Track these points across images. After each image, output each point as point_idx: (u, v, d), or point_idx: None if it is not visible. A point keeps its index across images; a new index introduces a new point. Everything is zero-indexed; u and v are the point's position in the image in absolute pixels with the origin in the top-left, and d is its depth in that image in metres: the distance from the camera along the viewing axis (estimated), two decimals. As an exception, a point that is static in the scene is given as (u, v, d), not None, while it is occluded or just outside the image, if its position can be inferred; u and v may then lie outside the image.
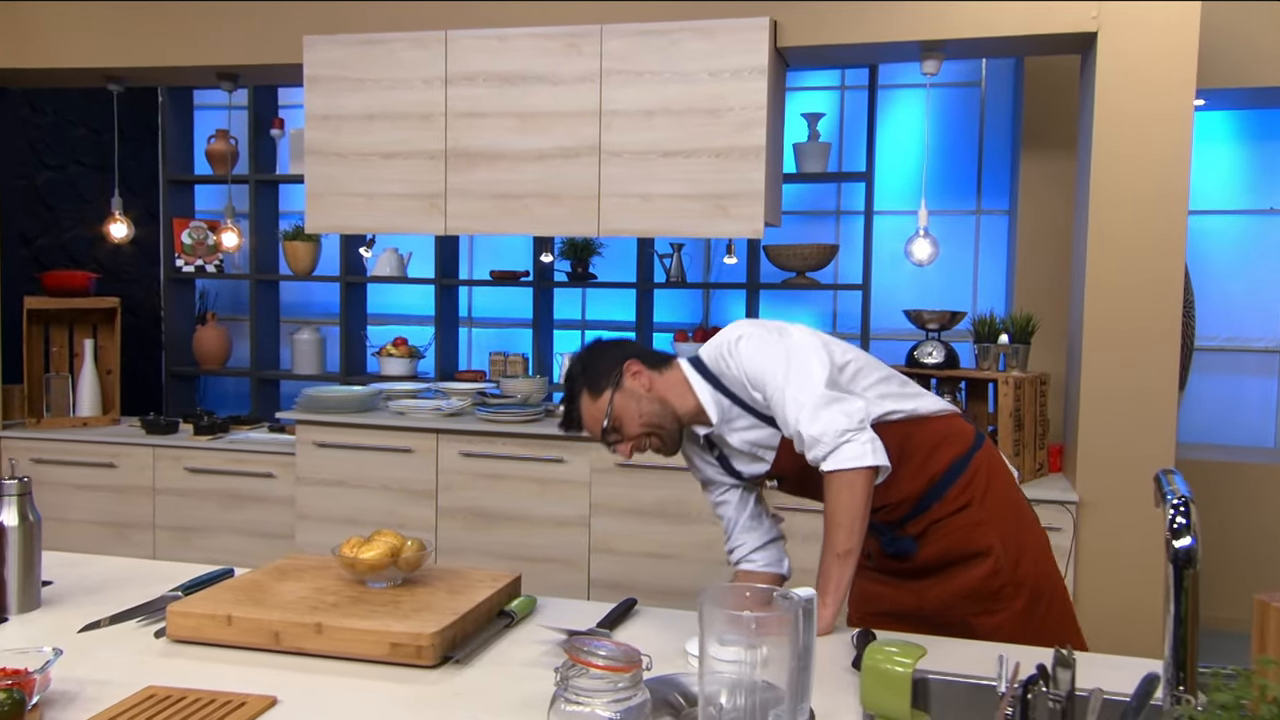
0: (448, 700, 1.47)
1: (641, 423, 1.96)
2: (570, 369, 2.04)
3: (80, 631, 1.70)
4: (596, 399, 1.97)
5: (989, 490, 2.03)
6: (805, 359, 1.91)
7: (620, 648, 1.29)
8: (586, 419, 1.99)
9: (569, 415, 2.01)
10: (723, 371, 1.99)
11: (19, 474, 1.84)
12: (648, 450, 2.01)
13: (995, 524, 2.01)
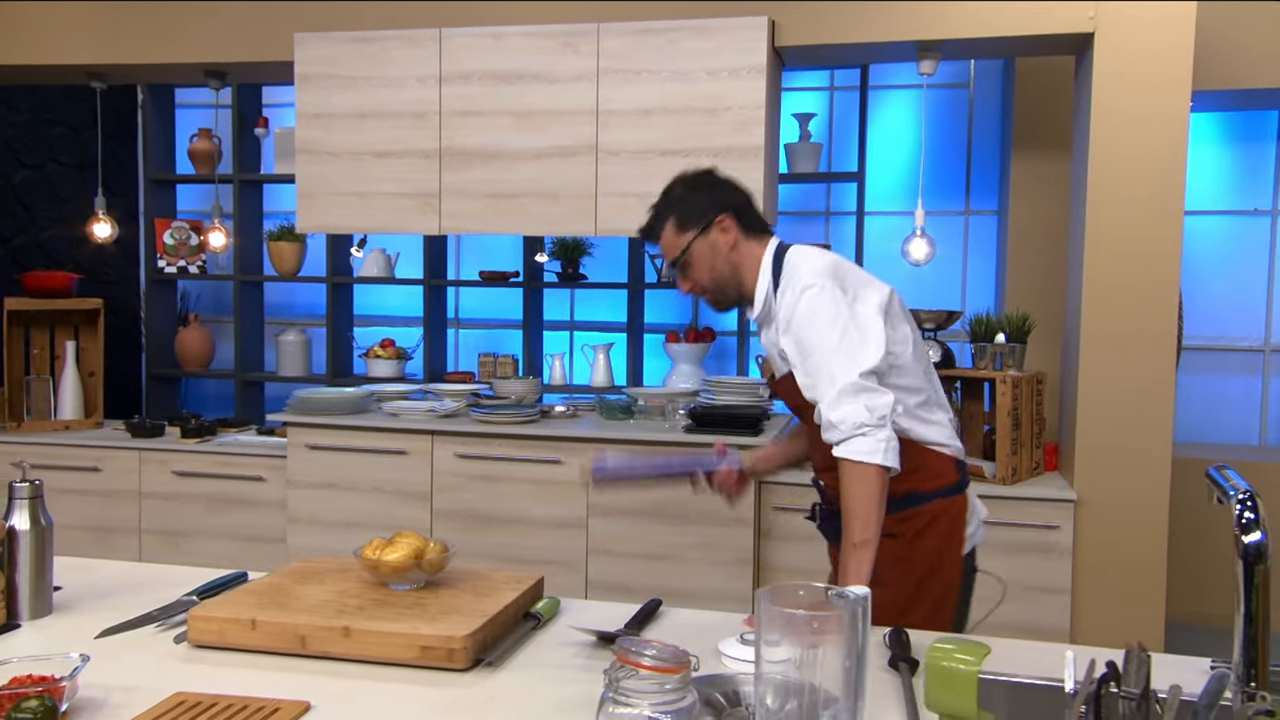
0: (482, 704, 1.45)
1: (710, 276, 2.03)
2: (671, 188, 2.09)
3: (98, 637, 1.66)
4: (680, 234, 2.03)
5: (922, 537, 2.02)
6: (863, 336, 1.89)
7: (668, 649, 1.27)
8: (664, 245, 2.07)
9: (651, 228, 2.09)
10: (785, 298, 1.97)
11: (30, 477, 1.78)
12: (707, 300, 2.09)
13: (906, 569, 2.00)
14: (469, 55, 3.76)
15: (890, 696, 1.47)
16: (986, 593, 2.28)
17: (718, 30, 3.55)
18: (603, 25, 3.64)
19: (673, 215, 2.05)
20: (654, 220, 2.09)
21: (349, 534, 3.88)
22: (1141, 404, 3.34)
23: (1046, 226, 4.30)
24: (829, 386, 1.86)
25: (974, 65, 4.84)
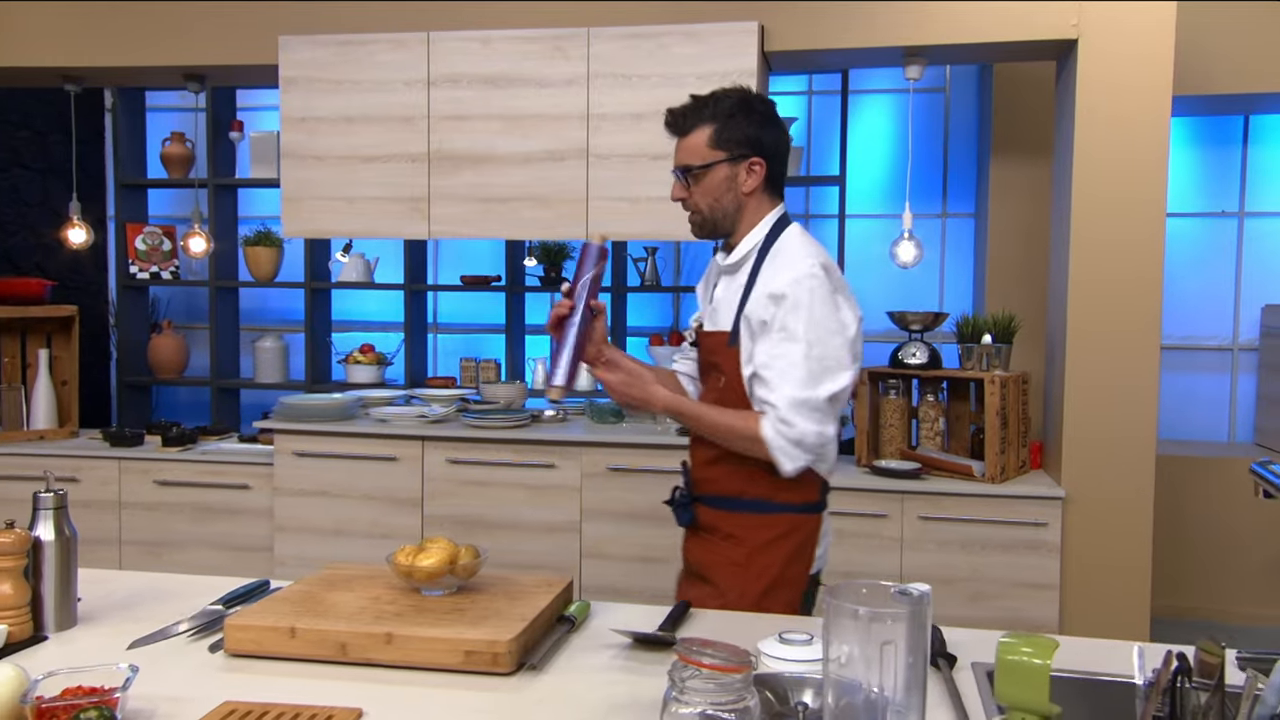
0: (532, 708, 1.45)
1: (711, 203, 1.99)
2: (725, 97, 2.00)
3: (130, 648, 1.64)
4: (711, 148, 1.97)
5: (768, 549, 2.02)
6: (838, 362, 1.92)
7: (728, 649, 1.28)
8: (686, 145, 1.99)
9: (683, 119, 2.00)
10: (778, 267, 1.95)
11: (55, 487, 1.75)
12: (689, 213, 2.03)
13: (744, 577, 2.01)
14: (457, 59, 3.75)
15: (935, 692, 1.49)
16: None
17: (708, 35, 3.57)
18: (592, 29, 3.65)
19: (713, 126, 1.97)
20: (690, 115, 1.99)
21: (338, 541, 3.85)
22: (1127, 402, 3.42)
23: (1025, 229, 4.37)
24: (792, 389, 1.89)
25: (949, 70, 4.91)
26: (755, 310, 1.95)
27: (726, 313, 2.02)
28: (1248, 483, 4.63)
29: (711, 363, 2.06)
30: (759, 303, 1.94)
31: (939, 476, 3.62)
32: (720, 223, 2.01)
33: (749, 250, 2.01)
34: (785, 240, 2.01)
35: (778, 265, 1.97)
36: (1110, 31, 3.37)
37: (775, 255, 1.98)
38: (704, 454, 2.07)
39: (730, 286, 2.04)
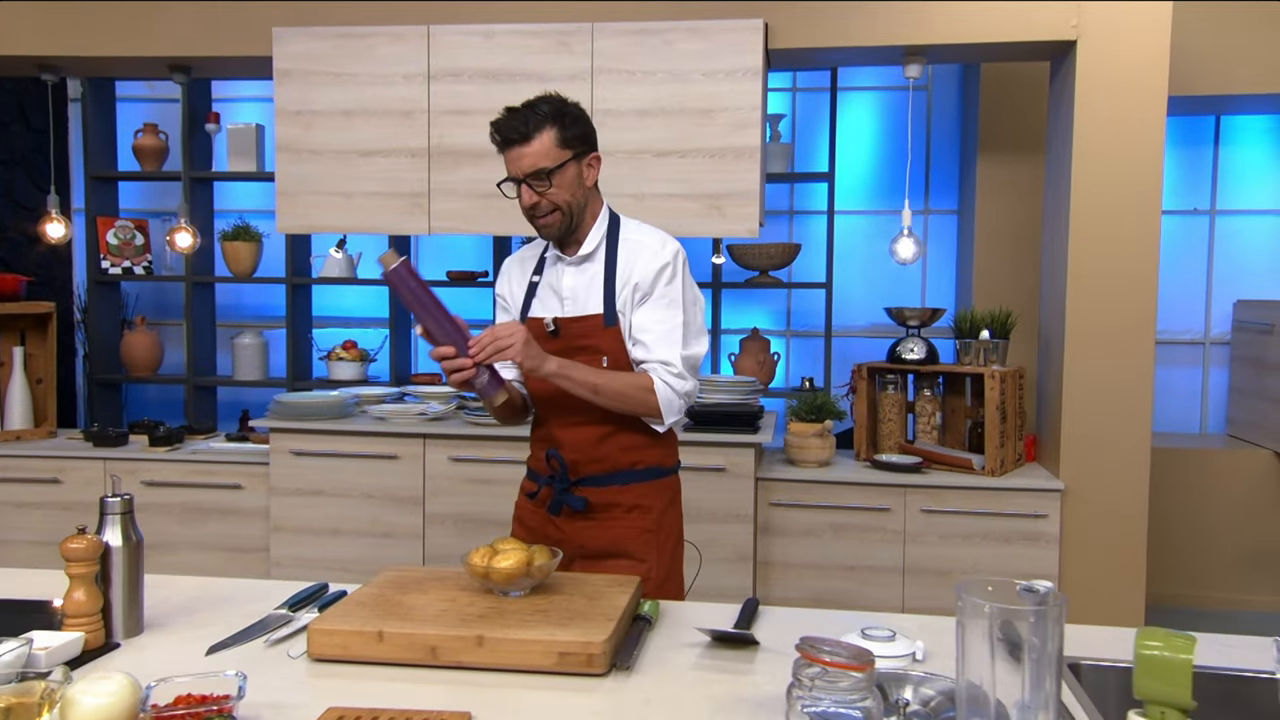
0: (640, 709, 1.45)
1: (568, 197, 2.06)
2: (561, 103, 2.06)
3: (208, 654, 1.61)
4: (559, 148, 2.03)
5: (669, 510, 2.23)
6: (700, 329, 2.18)
7: (850, 647, 1.30)
8: (534, 149, 2.01)
9: (524, 125, 2.01)
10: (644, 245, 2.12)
11: (121, 491, 1.71)
12: (544, 216, 2.07)
13: (659, 541, 2.18)
14: (459, 53, 3.71)
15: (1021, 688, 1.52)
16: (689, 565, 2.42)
17: (714, 32, 3.58)
18: (597, 25, 3.64)
19: (557, 127, 2.03)
20: (529, 121, 2.01)
21: (336, 541, 3.80)
22: (1123, 395, 3.50)
23: (1014, 226, 4.46)
24: (678, 349, 2.09)
25: (932, 69, 4.98)
26: (636, 284, 2.10)
27: (588, 299, 2.13)
28: (1221, 473, 4.78)
29: (582, 346, 2.13)
30: (639, 276, 2.10)
31: (939, 470, 3.68)
32: (575, 217, 2.10)
33: (599, 240, 2.14)
34: (632, 226, 2.19)
35: (643, 243, 2.13)
36: (1108, 32, 3.44)
37: (631, 238, 2.15)
38: (593, 433, 2.14)
39: (584, 275, 2.15)
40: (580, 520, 2.17)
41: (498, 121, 2.05)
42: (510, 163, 2.06)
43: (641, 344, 2.12)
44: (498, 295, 2.31)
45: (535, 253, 2.28)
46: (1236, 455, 4.55)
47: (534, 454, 2.28)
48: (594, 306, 2.13)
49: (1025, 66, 4.39)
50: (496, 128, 2.05)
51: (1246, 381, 4.68)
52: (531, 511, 2.27)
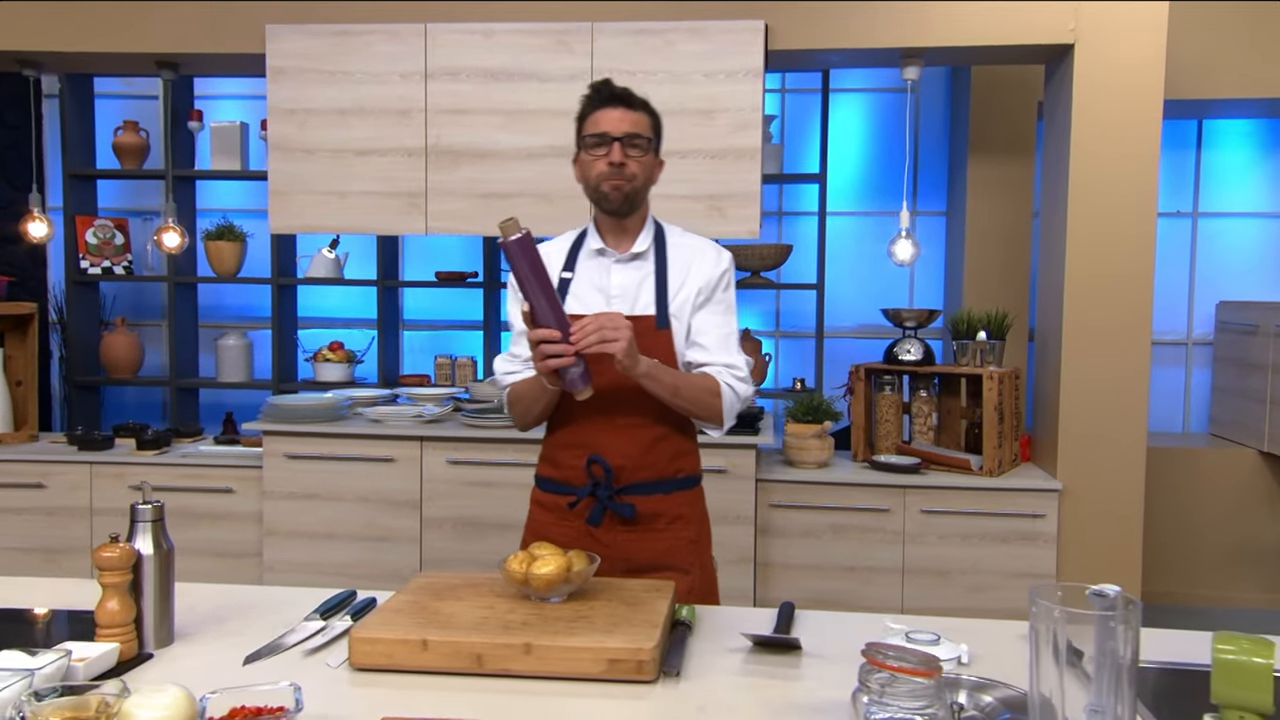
0: (694, 715, 1.43)
1: (644, 176, 2.09)
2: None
3: (246, 663, 1.58)
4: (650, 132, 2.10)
5: (705, 518, 2.22)
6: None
7: (915, 653, 1.29)
8: (637, 117, 2.09)
9: (628, 91, 2.11)
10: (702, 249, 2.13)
11: (151, 499, 1.67)
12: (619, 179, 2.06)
13: (701, 551, 2.17)
14: (457, 52, 3.68)
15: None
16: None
17: (715, 33, 3.57)
18: (597, 25, 3.62)
19: (652, 117, 2.12)
20: (640, 99, 2.12)
21: (331, 546, 3.75)
22: (1120, 395, 3.54)
23: (1003, 227, 4.49)
24: (736, 355, 2.11)
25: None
26: (699, 288, 2.09)
27: (638, 299, 2.09)
28: (1207, 471, 4.84)
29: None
30: (701, 280, 2.10)
31: (937, 471, 3.70)
32: (637, 200, 2.09)
33: (648, 238, 2.12)
34: (676, 231, 2.18)
35: (701, 249, 2.14)
36: (1105, 35, 3.48)
37: (682, 243, 2.14)
38: (645, 437, 2.08)
39: (635, 275, 2.10)
40: (624, 532, 2.08)
41: (601, 82, 2.11)
42: (605, 121, 2.06)
43: (701, 347, 2.10)
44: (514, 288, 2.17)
45: (563, 247, 2.20)
46: (1222, 454, 4.61)
47: (562, 461, 2.13)
48: (644, 308, 2.08)
49: (1015, 70, 4.42)
50: (598, 86, 2.11)
51: (1230, 381, 4.75)
52: (559, 524, 2.13)
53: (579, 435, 2.09)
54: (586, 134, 2.10)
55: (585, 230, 2.21)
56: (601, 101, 2.09)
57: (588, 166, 2.11)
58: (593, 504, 2.07)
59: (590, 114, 2.10)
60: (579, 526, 2.09)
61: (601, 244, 2.13)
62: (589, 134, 2.09)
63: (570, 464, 2.11)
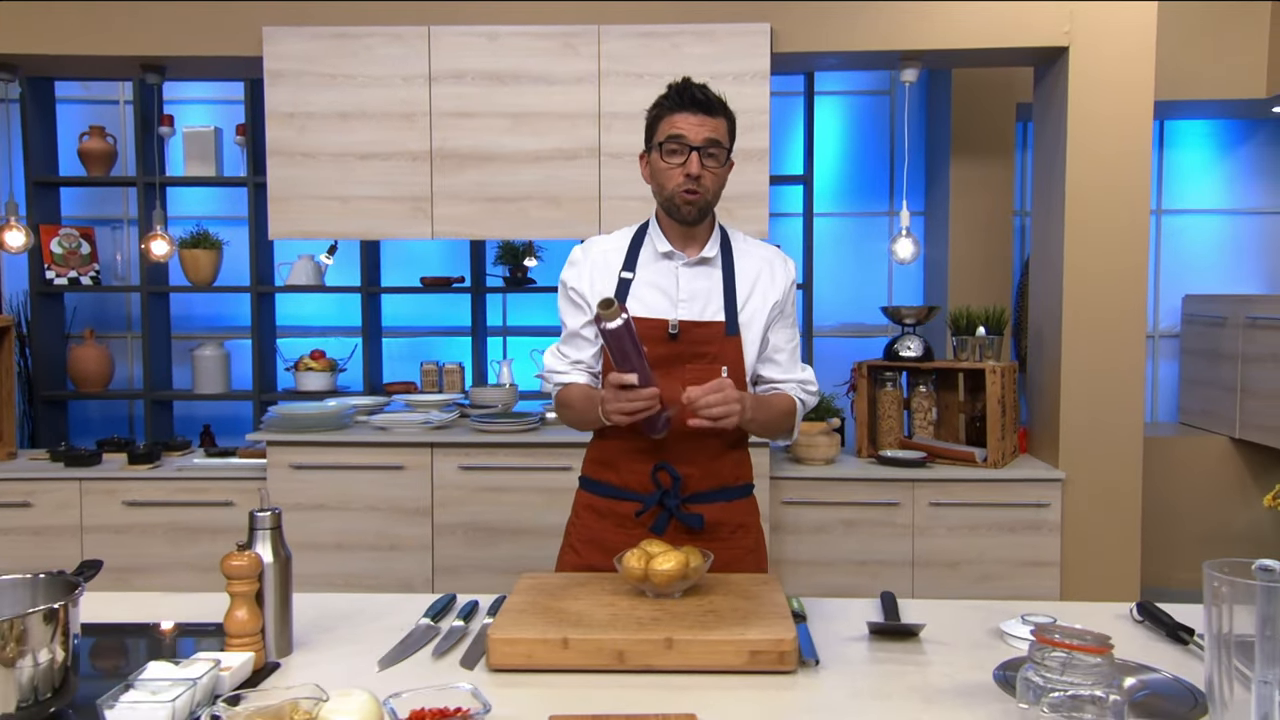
0: (849, 702, 1.45)
1: (718, 186, 2.03)
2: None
3: (382, 670, 1.55)
4: (729, 139, 2.03)
5: (760, 524, 2.21)
6: None
7: (1085, 632, 1.33)
8: (718, 123, 1.99)
9: (709, 95, 2.00)
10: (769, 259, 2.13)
11: (270, 506, 1.63)
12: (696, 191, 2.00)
13: (761, 559, 2.17)
14: (461, 54, 3.65)
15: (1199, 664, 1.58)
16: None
17: (722, 35, 3.61)
18: (603, 27, 3.62)
19: (728, 122, 2.04)
20: (714, 97, 2.02)
21: (341, 556, 3.69)
22: (1117, 386, 3.66)
23: (985, 225, 4.61)
24: (804, 370, 2.16)
25: (894, 75, 5.11)
26: (775, 302, 2.10)
27: (707, 304, 2.06)
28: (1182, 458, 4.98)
29: (701, 353, 2.04)
30: (777, 293, 2.10)
31: (943, 464, 3.78)
32: (710, 208, 2.06)
33: (716, 244, 2.09)
34: (740, 236, 2.16)
35: (771, 259, 2.13)
36: (1098, 36, 3.60)
37: (750, 251, 2.12)
38: (713, 445, 2.06)
39: (704, 280, 2.07)
40: (689, 541, 2.01)
41: (682, 84, 2.01)
42: (683, 126, 1.97)
43: (775, 363, 2.12)
44: (571, 288, 2.11)
45: (620, 245, 2.13)
46: (1194, 441, 4.79)
47: (623, 466, 2.08)
48: (714, 313, 2.05)
49: (995, 73, 4.54)
50: (680, 89, 2.01)
51: (1199, 372, 4.94)
52: (615, 530, 2.07)
53: (646, 441, 2.04)
54: (661, 137, 2.01)
55: (644, 227, 2.15)
56: (681, 104, 1.99)
57: (661, 173, 2.03)
58: (658, 512, 2.04)
59: (667, 115, 2.02)
60: (640, 535, 2.00)
61: (669, 246, 2.08)
62: (665, 137, 2.00)
63: (632, 469, 2.07)
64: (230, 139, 4.99)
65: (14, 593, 1.44)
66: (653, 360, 2.02)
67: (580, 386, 2.13)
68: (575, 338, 2.12)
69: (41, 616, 1.31)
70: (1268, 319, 4.38)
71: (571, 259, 2.15)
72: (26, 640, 1.29)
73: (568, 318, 2.13)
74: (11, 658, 1.27)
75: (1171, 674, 1.52)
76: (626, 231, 2.17)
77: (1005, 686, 1.50)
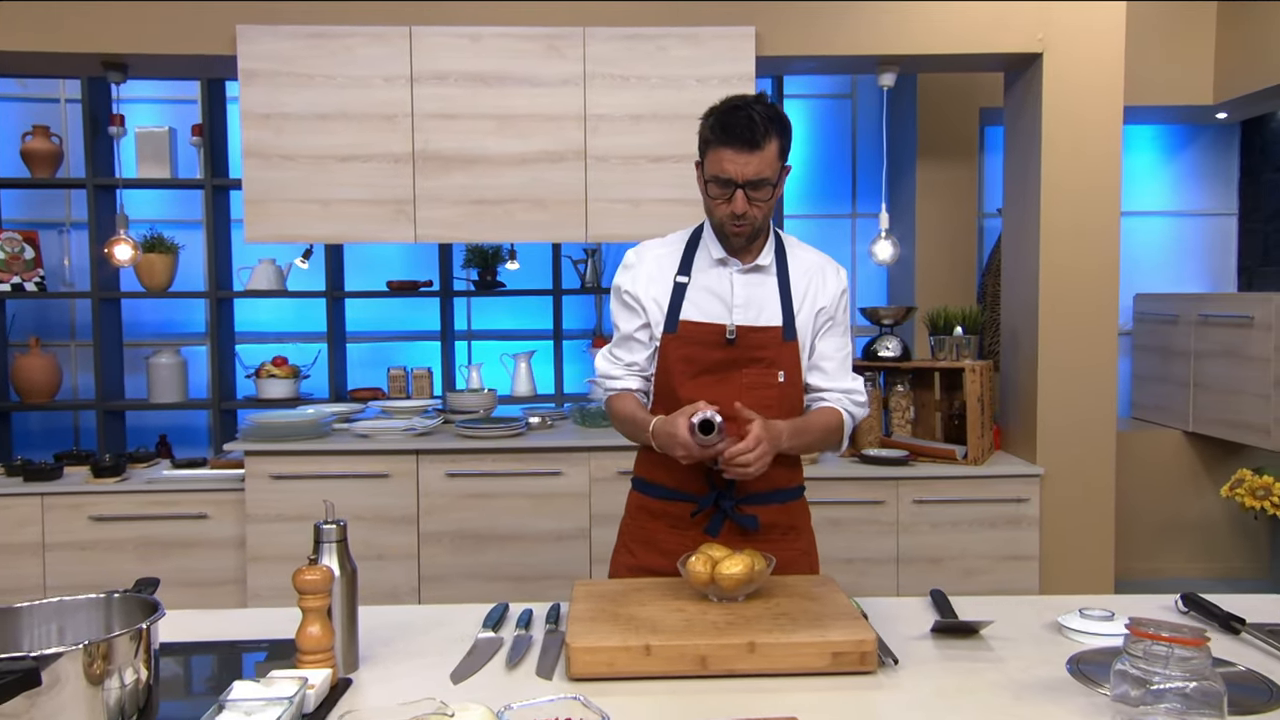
0: (936, 700, 1.46)
1: (769, 209, 1.99)
2: (773, 107, 1.95)
3: (457, 683, 1.51)
4: (778, 159, 1.95)
5: (810, 532, 2.20)
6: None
7: (1179, 625, 1.35)
8: (764, 156, 1.91)
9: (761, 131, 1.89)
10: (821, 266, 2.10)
11: (336, 518, 1.58)
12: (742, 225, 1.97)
13: (812, 563, 2.18)
14: (443, 55, 3.59)
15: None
16: None
17: (707, 38, 3.61)
18: (588, 29, 3.60)
19: (780, 137, 1.93)
20: (766, 126, 1.90)
21: (323, 567, 3.59)
22: (1092, 382, 3.76)
23: (951, 227, 4.70)
24: (854, 379, 2.12)
25: (855, 79, 5.18)
26: (822, 308, 2.08)
27: (762, 309, 2.04)
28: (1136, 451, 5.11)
29: (758, 358, 2.03)
30: (825, 299, 2.08)
31: (924, 462, 3.83)
32: (763, 228, 2.05)
33: (771, 250, 2.07)
34: (793, 240, 2.14)
35: (822, 266, 2.11)
36: (1070, 42, 3.69)
37: (803, 256, 2.11)
38: None
39: (759, 286, 2.05)
40: (743, 543, 1.99)
41: (724, 116, 1.92)
42: (729, 163, 1.92)
43: (822, 371, 2.09)
44: (625, 292, 2.09)
45: (674, 249, 2.12)
46: (1149, 435, 4.95)
47: (677, 467, 2.00)
48: (769, 318, 2.03)
49: (959, 78, 4.63)
50: (725, 123, 1.91)
51: (1151, 368, 5.10)
52: (669, 532, 2.06)
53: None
54: (709, 172, 1.98)
55: (698, 231, 2.14)
56: (724, 139, 1.92)
57: (709, 204, 2.01)
58: (713, 513, 2.03)
59: (714, 149, 1.96)
60: (695, 536, 2.01)
61: (723, 253, 2.05)
62: (711, 174, 1.97)
63: (686, 470, 2.03)
64: (185, 140, 4.84)
65: (88, 612, 1.38)
66: (709, 365, 2.03)
67: (629, 401, 2.10)
68: (630, 341, 2.10)
69: (128, 637, 1.25)
70: (1220, 316, 4.55)
71: (625, 263, 2.14)
72: (113, 659, 1.23)
73: (621, 321, 2.12)
74: (99, 676, 1.22)
75: (1245, 666, 1.56)
76: (679, 235, 2.16)
77: (1081, 679, 1.52)
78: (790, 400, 2.06)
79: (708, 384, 2.03)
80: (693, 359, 2.04)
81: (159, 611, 1.32)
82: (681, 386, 2.04)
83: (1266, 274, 5.24)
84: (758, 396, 2.02)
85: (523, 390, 4.72)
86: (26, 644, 1.33)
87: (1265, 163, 5.24)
